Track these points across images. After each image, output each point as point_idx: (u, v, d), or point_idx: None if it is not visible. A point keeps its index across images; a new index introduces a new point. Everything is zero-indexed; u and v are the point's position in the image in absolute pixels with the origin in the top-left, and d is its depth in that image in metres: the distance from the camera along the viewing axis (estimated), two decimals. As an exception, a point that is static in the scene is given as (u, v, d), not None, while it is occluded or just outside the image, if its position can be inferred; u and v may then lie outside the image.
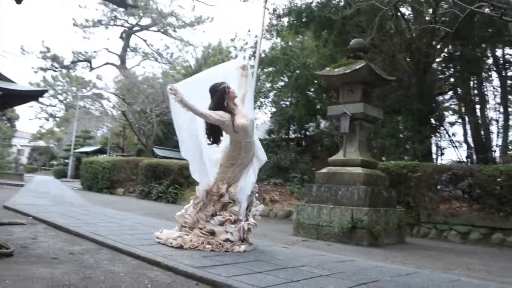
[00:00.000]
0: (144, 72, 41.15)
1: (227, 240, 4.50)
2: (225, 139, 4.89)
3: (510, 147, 16.27)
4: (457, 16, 11.19)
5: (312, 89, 16.88)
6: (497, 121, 19.25)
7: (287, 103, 18.56)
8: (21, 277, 2.76)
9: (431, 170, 8.87)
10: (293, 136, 20.78)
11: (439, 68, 16.95)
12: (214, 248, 4.36)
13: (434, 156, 16.12)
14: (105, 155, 26.99)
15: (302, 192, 13.82)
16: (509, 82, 18.46)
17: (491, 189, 7.72)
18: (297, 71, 15.63)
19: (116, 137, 31.46)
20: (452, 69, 16.87)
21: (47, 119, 47.24)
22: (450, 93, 18.05)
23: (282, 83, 17.44)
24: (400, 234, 7.37)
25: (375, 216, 6.69)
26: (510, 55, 16.75)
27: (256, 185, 5.02)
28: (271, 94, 18.64)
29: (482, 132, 18.12)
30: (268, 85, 18.61)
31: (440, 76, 17.16)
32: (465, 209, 8.18)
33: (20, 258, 3.38)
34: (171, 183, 14.22)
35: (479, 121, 18.06)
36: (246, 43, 18.45)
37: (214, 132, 4.73)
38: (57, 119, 46.52)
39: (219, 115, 4.56)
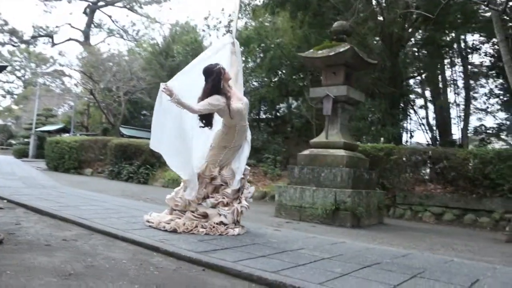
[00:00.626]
0: (109, 49, 39.65)
1: (220, 223, 4.43)
2: (218, 122, 4.76)
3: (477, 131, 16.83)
4: (431, 1, 11.41)
5: (284, 70, 16.81)
6: (459, 105, 20.06)
7: (255, 83, 18.42)
8: (21, 266, 2.59)
9: (407, 153, 9.09)
10: (264, 116, 20.78)
11: (410, 52, 17.28)
12: (208, 231, 4.29)
13: (403, 139, 16.59)
14: (68, 134, 26.00)
15: (276, 173, 13.95)
16: (470, 68, 19.26)
17: (465, 171, 8.01)
18: (271, 52, 15.49)
19: (80, 115, 30.33)
20: (417, 54, 17.29)
21: (4, 96, 44.91)
22: (419, 77, 18.51)
23: (253, 64, 17.23)
24: (379, 215, 7.55)
25: (358, 198, 6.80)
26: (477, 41, 17.29)
27: (248, 168, 4.96)
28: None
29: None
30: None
31: (408, 61, 17.52)
32: (440, 191, 8.47)
33: (11, 245, 3.18)
34: (142, 163, 13.91)
35: (444, 105, 18.72)
36: (220, 22, 18.10)
37: (206, 116, 4.58)
38: (15, 96, 44.28)
39: (215, 104, 4.37)
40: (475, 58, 21.22)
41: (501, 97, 17.98)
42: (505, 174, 7.54)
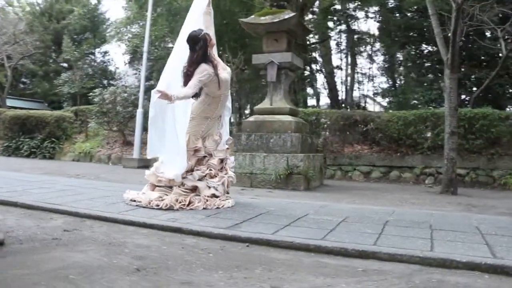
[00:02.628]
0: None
1: (213, 195, 4.28)
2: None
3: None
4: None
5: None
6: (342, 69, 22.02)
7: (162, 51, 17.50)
8: (74, 269, 2.19)
9: (336, 116, 9.63)
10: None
11: (312, 19, 18.05)
12: (206, 205, 4.10)
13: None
14: None
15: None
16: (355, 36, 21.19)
17: (390, 133, 8.79)
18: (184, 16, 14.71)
19: None
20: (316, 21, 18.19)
21: None
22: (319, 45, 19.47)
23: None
24: (321, 177, 7.96)
25: (308, 162, 7.06)
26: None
27: (231, 138, 4.81)
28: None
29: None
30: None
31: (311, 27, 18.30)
32: (367, 151, 9.21)
33: (17, 245, 2.67)
34: (46, 136, 12.49)
35: (331, 70, 20.20)
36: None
37: None
38: None
39: (204, 79, 4.15)
40: (361, 27, 23.08)
41: (382, 63, 20.23)
42: (424, 133, 8.49)
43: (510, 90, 11.01)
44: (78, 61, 15.98)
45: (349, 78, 21.87)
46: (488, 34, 10.41)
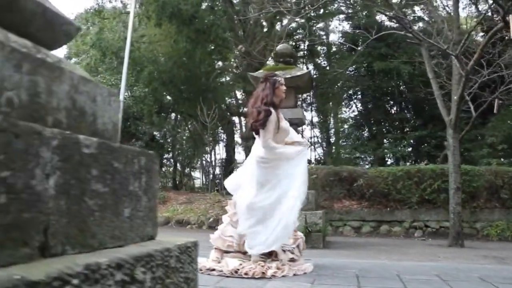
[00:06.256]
0: None
1: (292, 259, 4.07)
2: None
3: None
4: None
5: (157, 85, 15.89)
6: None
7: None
8: None
9: (324, 173, 9.84)
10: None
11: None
12: (295, 271, 3.88)
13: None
14: None
15: (165, 196, 13.24)
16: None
17: (381, 188, 9.17)
18: (146, 65, 14.46)
19: None
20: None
21: None
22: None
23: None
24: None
25: (324, 219, 7.06)
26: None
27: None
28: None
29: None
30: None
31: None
32: (357, 206, 9.44)
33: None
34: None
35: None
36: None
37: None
38: None
39: (273, 123, 4.04)
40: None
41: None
42: (412, 189, 8.98)
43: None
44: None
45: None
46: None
